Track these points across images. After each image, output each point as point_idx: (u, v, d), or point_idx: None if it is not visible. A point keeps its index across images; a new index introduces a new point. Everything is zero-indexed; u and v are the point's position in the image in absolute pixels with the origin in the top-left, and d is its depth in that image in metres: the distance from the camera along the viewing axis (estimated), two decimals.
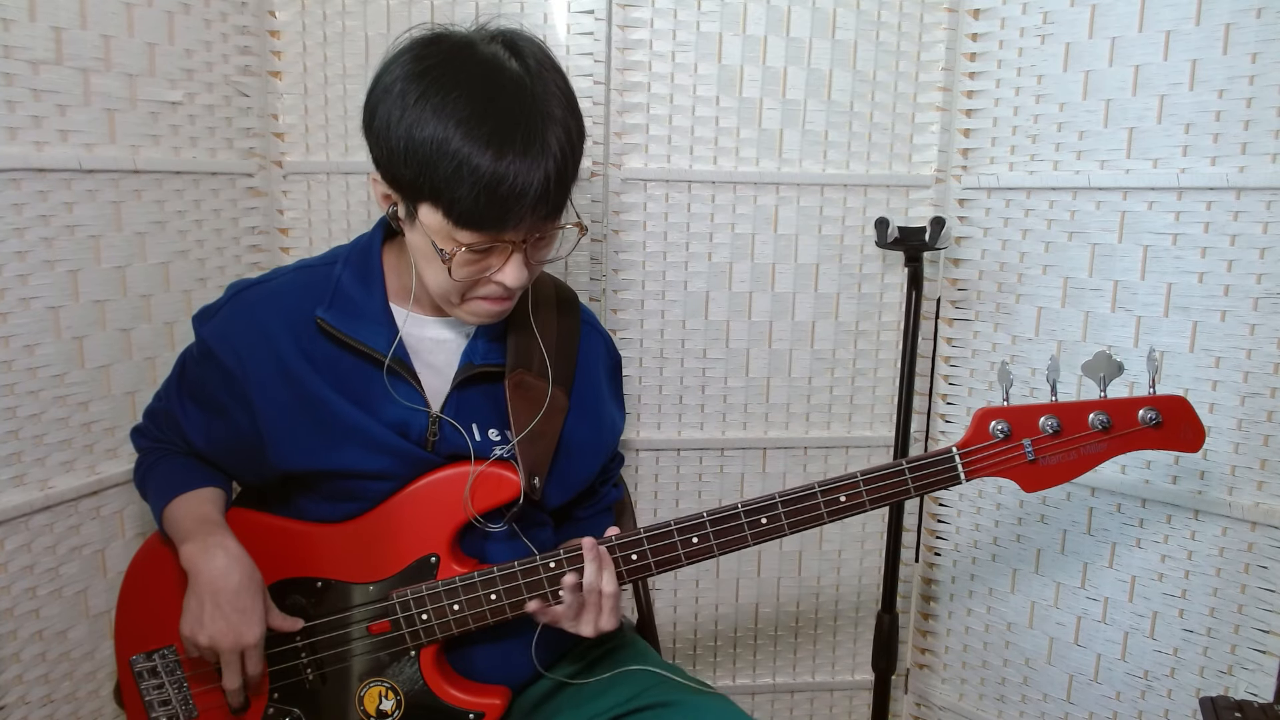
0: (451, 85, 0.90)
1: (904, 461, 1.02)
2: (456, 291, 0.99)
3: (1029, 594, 1.55)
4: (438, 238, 0.94)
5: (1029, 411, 1.01)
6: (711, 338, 1.60)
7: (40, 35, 1.17)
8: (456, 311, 1.03)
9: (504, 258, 0.96)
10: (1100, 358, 0.99)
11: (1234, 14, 1.25)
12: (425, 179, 0.90)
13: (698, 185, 1.54)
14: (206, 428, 1.14)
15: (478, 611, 1.04)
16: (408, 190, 0.94)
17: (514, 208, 0.90)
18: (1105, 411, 1.00)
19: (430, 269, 0.98)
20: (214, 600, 1.01)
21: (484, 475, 1.06)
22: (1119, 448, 1.01)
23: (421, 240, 0.97)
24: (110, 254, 1.29)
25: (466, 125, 0.88)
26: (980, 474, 1.02)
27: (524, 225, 0.93)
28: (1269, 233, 1.25)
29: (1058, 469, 1.01)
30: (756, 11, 1.50)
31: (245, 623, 1.01)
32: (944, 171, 1.56)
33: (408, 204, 0.96)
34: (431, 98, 0.89)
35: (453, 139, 0.88)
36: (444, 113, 0.88)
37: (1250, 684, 1.32)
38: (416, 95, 0.90)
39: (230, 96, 1.47)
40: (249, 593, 1.02)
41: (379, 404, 1.05)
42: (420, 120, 0.89)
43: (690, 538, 1.03)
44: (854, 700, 1.75)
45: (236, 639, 1.01)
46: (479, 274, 0.97)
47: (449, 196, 0.90)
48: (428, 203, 0.93)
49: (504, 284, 0.97)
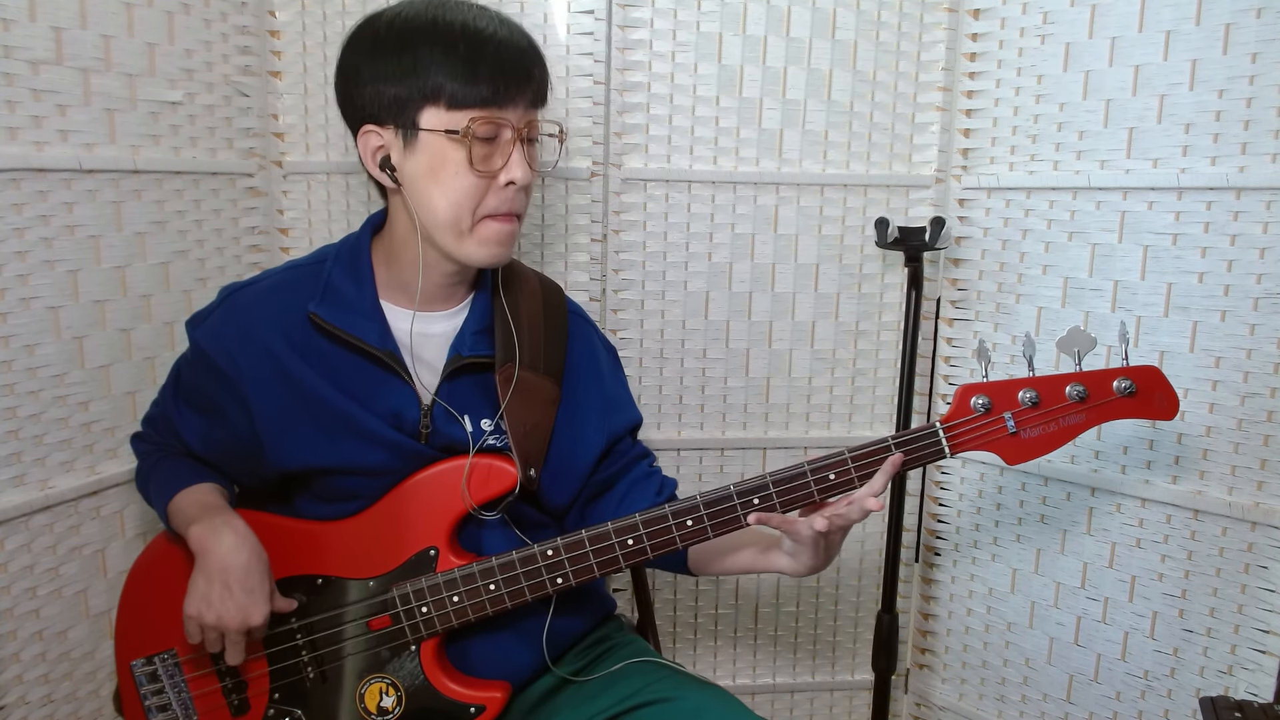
0: (420, 18, 1.00)
1: (890, 438, 1.03)
2: (469, 207, 1.01)
3: (1029, 594, 1.55)
4: (446, 127, 0.99)
5: (1008, 386, 1.03)
6: (711, 338, 1.60)
7: (40, 35, 1.17)
8: (466, 244, 1.03)
9: (508, 153, 1.01)
10: (1074, 332, 1.02)
11: (1234, 14, 1.25)
12: (426, 81, 0.98)
13: (698, 185, 1.54)
14: (204, 431, 1.14)
15: (477, 602, 1.05)
16: (409, 105, 0.99)
17: (507, 76, 0.99)
18: (1081, 383, 1.02)
19: (440, 189, 1.01)
20: (223, 579, 1.01)
21: (480, 466, 1.07)
22: (1096, 417, 1.04)
23: (426, 157, 1.00)
24: (110, 254, 1.29)
25: (446, 30, 0.99)
26: (964, 448, 1.04)
27: (520, 102, 1.01)
28: (1269, 233, 1.25)
29: (1038, 441, 1.04)
30: (756, 11, 1.50)
31: (253, 603, 1.01)
32: (944, 171, 1.56)
33: (406, 126, 1.00)
34: (407, 31, 0.99)
35: (440, 42, 0.98)
36: (423, 34, 0.99)
37: (1250, 684, 1.32)
38: (391, 38, 1.00)
39: (230, 96, 1.47)
40: (257, 572, 1.02)
41: (372, 397, 1.06)
42: (407, 48, 0.98)
43: (685, 520, 1.03)
44: (854, 700, 1.75)
45: (244, 618, 1.01)
46: (490, 170, 1.00)
47: (450, 84, 0.98)
48: (429, 105, 0.99)
49: (513, 180, 1.01)
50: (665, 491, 1.20)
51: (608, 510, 1.18)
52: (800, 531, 1.01)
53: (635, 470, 1.20)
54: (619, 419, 1.20)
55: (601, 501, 1.19)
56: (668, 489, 1.21)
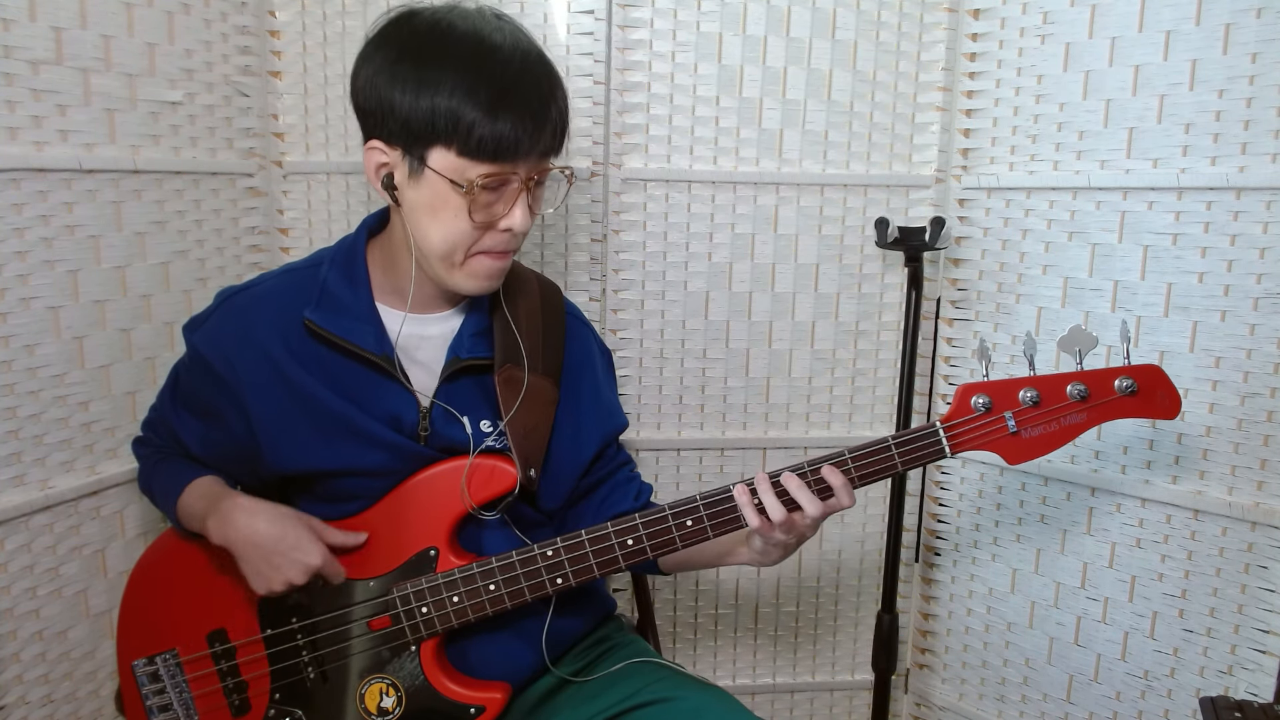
0: (452, 41, 0.96)
1: (890, 437, 1.03)
2: (463, 246, 1.00)
3: (1029, 594, 1.55)
4: (451, 175, 0.96)
5: (1009, 385, 1.03)
6: (711, 338, 1.60)
7: (40, 35, 1.17)
8: (456, 275, 1.03)
9: (511, 201, 0.99)
10: (1075, 331, 1.01)
11: (1234, 14, 1.25)
12: (441, 120, 0.94)
13: (698, 185, 1.54)
14: (202, 435, 1.14)
15: (477, 603, 1.05)
16: (420, 139, 0.96)
17: (527, 129, 0.96)
18: (1082, 382, 1.02)
19: (437, 223, 0.99)
20: (260, 554, 1.02)
21: (480, 466, 1.07)
22: (1098, 417, 1.03)
23: (428, 192, 0.98)
24: (110, 254, 1.29)
25: (474, 67, 0.94)
26: (964, 448, 1.03)
27: (533, 154, 0.98)
28: (1269, 233, 1.25)
29: (1039, 440, 1.03)
30: (756, 11, 1.50)
31: (302, 552, 1.03)
32: (944, 171, 1.56)
33: (416, 156, 0.97)
34: (435, 54, 0.95)
35: (465, 78, 0.94)
36: (450, 62, 0.94)
37: (1250, 684, 1.32)
38: (417, 52, 0.96)
39: (230, 96, 1.47)
40: (288, 529, 1.03)
41: (371, 400, 1.06)
42: (430, 74, 0.94)
43: (685, 520, 1.03)
44: (854, 700, 1.75)
45: (305, 569, 1.03)
46: (489, 219, 0.99)
47: (465, 129, 0.94)
48: (441, 146, 0.95)
49: (511, 228, 1.00)
50: (643, 497, 1.22)
51: (588, 512, 1.19)
52: (775, 537, 1.03)
53: (618, 475, 1.22)
54: (611, 424, 1.21)
55: (583, 504, 1.20)
56: (645, 494, 1.23)
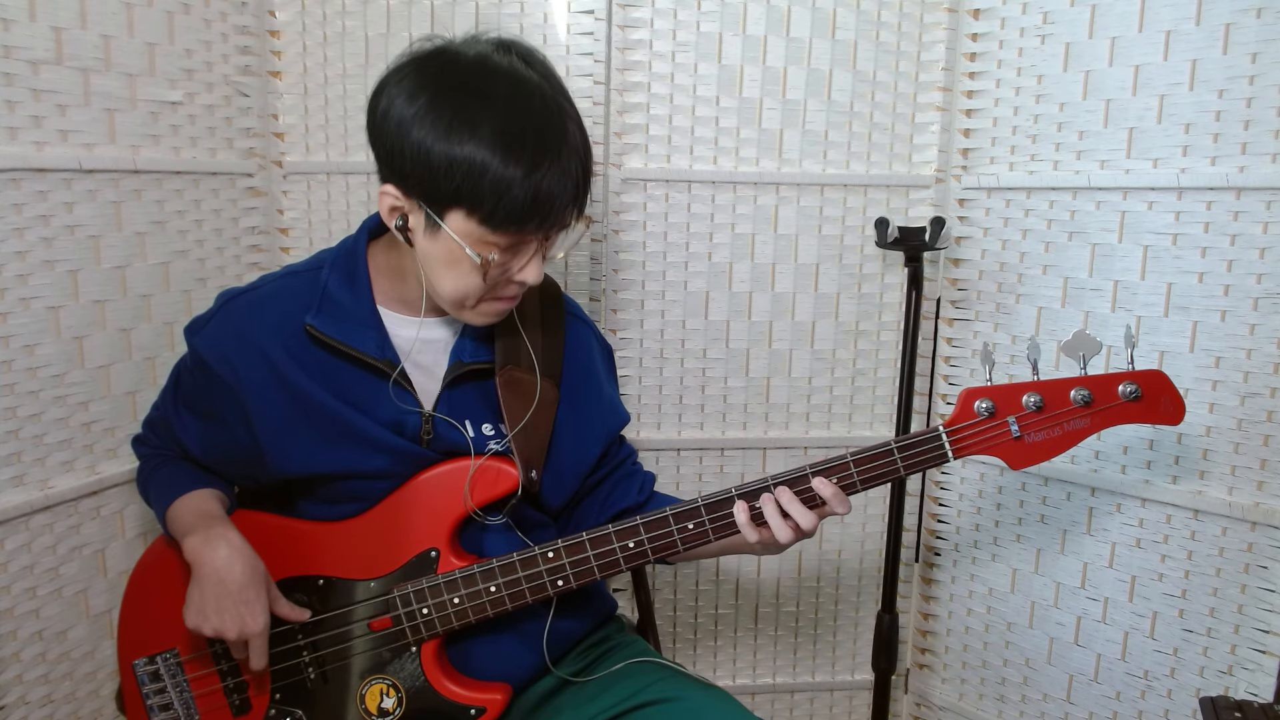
0: (483, 100, 0.92)
1: (893, 441, 1.03)
2: (475, 296, 0.99)
3: (1029, 594, 1.55)
4: (469, 241, 0.95)
5: (1012, 390, 1.02)
6: (711, 338, 1.60)
7: (40, 35, 1.16)
8: (465, 314, 1.03)
9: (527, 257, 0.99)
10: (1079, 336, 1.01)
11: (1234, 14, 1.25)
12: (468, 190, 0.91)
13: (698, 185, 1.54)
14: (203, 436, 1.14)
15: (477, 604, 1.05)
16: (441, 201, 0.94)
17: (554, 206, 0.94)
18: (1086, 387, 1.02)
19: (450, 276, 0.98)
20: (217, 592, 1.01)
21: (482, 469, 1.07)
22: (1101, 422, 1.03)
23: (442, 249, 0.96)
24: (110, 254, 1.29)
25: (505, 139, 0.91)
26: (967, 452, 1.03)
27: (556, 225, 0.97)
28: (1269, 233, 1.25)
29: (1042, 445, 1.03)
30: (756, 11, 1.50)
31: (250, 613, 1.01)
32: (944, 171, 1.56)
33: (433, 214, 0.95)
34: (466, 114, 0.91)
35: (496, 152, 0.90)
36: (482, 128, 0.91)
37: (1250, 684, 1.32)
38: (450, 114, 0.91)
39: (230, 96, 1.47)
40: (253, 585, 1.02)
41: (372, 405, 1.06)
42: (460, 137, 0.91)
43: (686, 524, 1.03)
44: (854, 700, 1.75)
45: (241, 629, 1.01)
46: (503, 276, 0.99)
47: (492, 204, 0.91)
48: (462, 211, 0.93)
49: (525, 281, 1.00)
50: (646, 489, 1.22)
51: (593, 508, 1.19)
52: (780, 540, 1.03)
53: (620, 470, 1.22)
54: (614, 421, 1.21)
55: (587, 501, 1.20)
56: (648, 486, 1.23)
